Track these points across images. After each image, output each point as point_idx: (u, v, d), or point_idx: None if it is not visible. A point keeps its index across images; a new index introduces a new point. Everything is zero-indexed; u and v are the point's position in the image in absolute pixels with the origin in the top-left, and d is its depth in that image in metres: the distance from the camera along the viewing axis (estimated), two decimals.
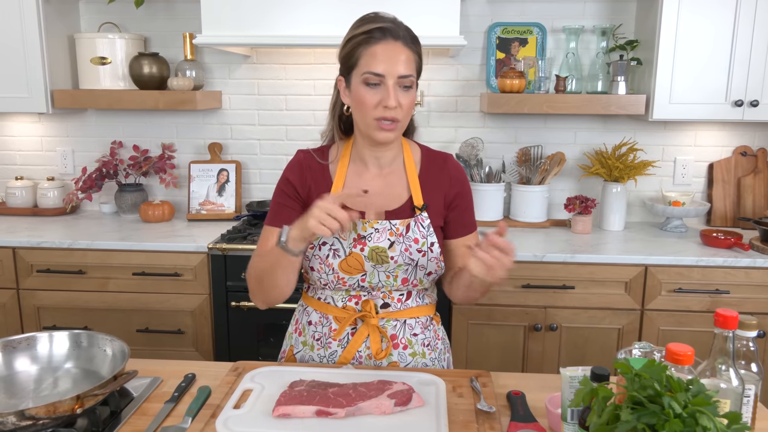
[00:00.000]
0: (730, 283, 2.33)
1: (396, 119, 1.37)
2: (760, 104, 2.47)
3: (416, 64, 1.40)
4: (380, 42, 1.35)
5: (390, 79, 1.34)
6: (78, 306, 2.52)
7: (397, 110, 1.36)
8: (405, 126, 1.43)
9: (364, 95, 1.36)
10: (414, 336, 1.49)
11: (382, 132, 1.38)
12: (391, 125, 1.37)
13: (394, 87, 1.35)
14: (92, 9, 2.94)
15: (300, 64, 2.91)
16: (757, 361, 1.11)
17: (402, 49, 1.36)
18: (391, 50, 1.35)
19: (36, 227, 2.71)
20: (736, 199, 2.85)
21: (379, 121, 1.37)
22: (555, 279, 2.37)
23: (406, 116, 1.40)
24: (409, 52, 1.38)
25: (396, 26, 1.38)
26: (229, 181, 2.94)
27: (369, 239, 1.42)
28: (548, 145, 2.90)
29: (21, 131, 3.08)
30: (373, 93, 1.36)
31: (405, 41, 1.38)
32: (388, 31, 1.36)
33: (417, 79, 1.42)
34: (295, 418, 1.16)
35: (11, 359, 1.29)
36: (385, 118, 1.36)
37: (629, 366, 0.90)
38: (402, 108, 1.37)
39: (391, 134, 1.39)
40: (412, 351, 1.48)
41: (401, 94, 1.36)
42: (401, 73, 1.35)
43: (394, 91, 1.35)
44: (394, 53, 1.35)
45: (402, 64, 1.35)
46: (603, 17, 2.79)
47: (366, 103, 1.36)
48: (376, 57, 1.35)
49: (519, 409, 1.24)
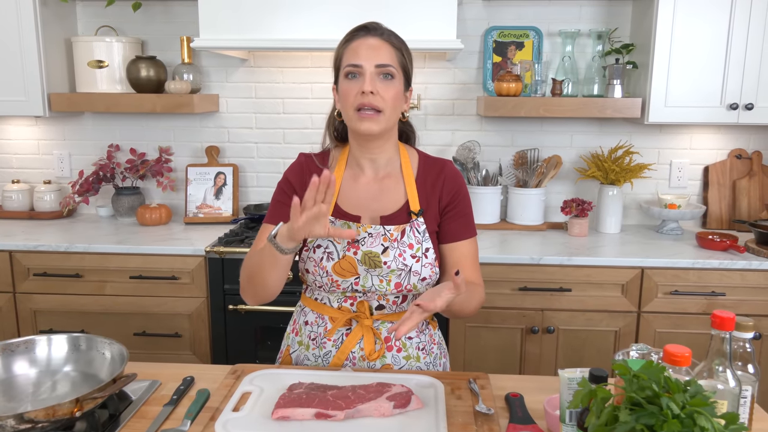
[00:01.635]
0: (725, 286, 2.34)
1: (374, 106, 1.37)
2: (755, 107, 2.48)
3: (398, 59, 1.42)
4: (360, 38, 1.41)
5: (368, 68, 1.37)
6: (75, 309, 2.52)
7: (376, 98, 1.37)
8: (390, 120, 1.41)
9: (345, 88, 1.40)
10: (409, 339, 1.49)
11: (362, 122, 1.38)
12: (372, 114, 1.37)
13: (372, 75, 1.37)
14: (89, 12, 2.94)
15: (297, 68, 2.92)
16: (754, 362, 1.12)
17: (381, 43, 1.40)
18: (370, 43, 1.40)
19: (32, 231, 2.71)
20: (731, 202, 2.87)
21: (359, 112, 1.38)
22: (552, 282, 2.37)
23: (391, 108, 1.40)
24: (388, 46, 1.40)
25: (379, 26, 1.43)
26: (226, 185, 2.94)
27: (362, 243, 1.43)
28: (545, 148, 2.91)
29: (17, 134, 3.07)
30: (353, 84, 1.39)
31: (385, 37, 1.41)
32: (368, 29, 1.42)
33: (406, 78, 1.43)
34: (294, 420, 1.16)
35: (10, 362, 1.28)
36: (363, 105, 1.36)
37: (627, 367, 0.90)
38: (383, 98, 1.37)
39: (372, 124, 1.38)
40: (407, 354, 1.48)
41: (381, 84, 1.38)
42: (378, 62, 1.38)
43: (371, 79, 1.37)
44: (372, 45, 1.39)
45: (380, 53, 1.38)
46: (599, 21, 2.81)
47: (347, 95, 1.39)
48: (356, 51, 1.39)
49: (517, 411, 1.24)
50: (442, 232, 1.50)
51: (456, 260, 1.49)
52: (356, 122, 1.39)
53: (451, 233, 1.49)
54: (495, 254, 2.38)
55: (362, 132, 1.40)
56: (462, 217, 1.50)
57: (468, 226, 1.51)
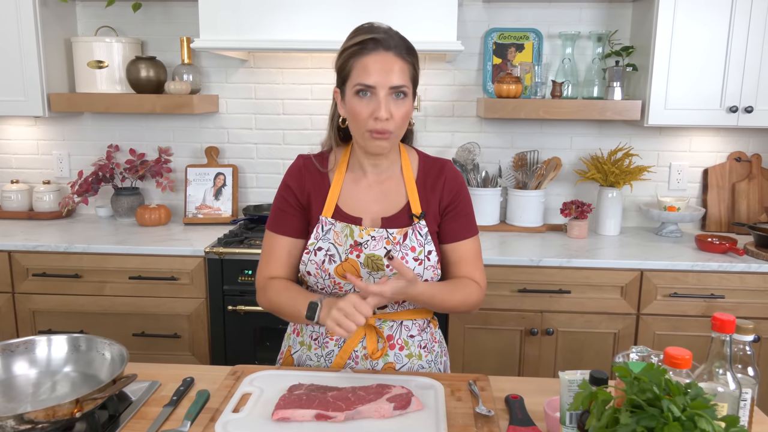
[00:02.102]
0: (725, 288, 2.34)
1: (387, 131, 1.36)
2: (755, 110, 2.49)
3: (410, 75, 1.39)
4: (372, 53, 1.34)
5: (381, 90, 1.33)
6: (74, 310, 2.51)
7: (388, 122, 1.35)
8: (400, 136, 1.42)
9: (356, 106, 1.36)
10: (411, 338, 1.49)
11: (374, 142, 1.38)
12: (384, 135, 1.37)
13: (386, 98, 1.34)
14: (89, 13, 2.94)
15: (297, 69, 2.92)
16: (754, 365, 1.12)
17: (394, 60, 1.35)
18: (383, 61, 1.34)
19: (32, 231, 2.71)
20: (730, 205, 2.87)
21: (371, 133, 1.36)
22: (551, 283, 2.38)
23: (400, 127, 1.39)
24: (401, 62, 1.36)
25: (389, 36, 1.37)
26: (225, 185, 2.94)
27: (365, 246, 1.43)
28: (544, 150, 2.91)
29: (17, 135, 3.07)
30: (365, 104, 1.35)
31: (398, 51, 1.36)
32: (380, 41, 1.35)
33: (414, 90, 1.41)
34: (294, 421, 1.16)
35: (9, 363, 1.28)
36: (377, 131, 1.36)
37: (628, 370, 0.90)
38: (394, 119, 1.36)
39: (384, 143, 1.39)
40: (409, 352, 1.48)
41: (394, 104, 1.35)
42: (393, 84, 1.34)
43: (386, 102, 1.34)
44: (386, 64, 1.34)
45: (394, 74, 1.34)
46: (599, 23, 2.81)
47: (358, 114, 1.36)
48: (368, 68, 1.34)
49: (517, 413, 1.24)
50: (443, 232, 1.50)
51: (458, 259, 1.49)
52: (368, 142, 1.39)
53: (452, 233, 1.49)
54: (494, 256, 2.38)
55: (374, 152, 1.41)
56: (463, 216, 1.51)
57: (469, 225, 1.51)
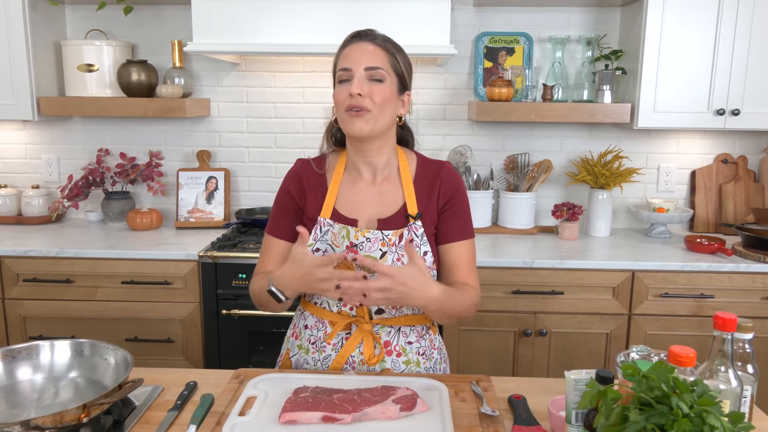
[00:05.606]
0: (714, 288, 2.38)
1: (362, 107, 1.38)
2: (741, 113, 2.53)
3: (390, 62, 1.43)
4: (353, 44, 1.43)
5: (357, 70, 1.39)
6: (65, 315, 2.49)
7: (364, 100, 1.38)
8: (381, 121, 1.42)
9: (337, 93, 1.43)
10: (409, 344, 1.49)
11: (352, 121, 1.40)
12: (360, 113, 1.39)
13: (360, 78, 1.39)
14: (79, 16, 2.92)
15: (289, 72, 2.92)
16: (753, 362, 1.14)
17: (373, 48, 1.42)
18: (360, 47, 1.42)
19: (21, 236, 2.68)
20: (717, 206, 2.92)
21: (348, 112, 1.40)
22: (544, 285, 2.40)
23: (379, 108, 1.40)
24: (380, 50, 1.42)
25: (371, 32, 1.46)
26: (217, 189, 2.93)
27: (361, 248, 1.43)
28: (535, 153, 2.94)
29: (5, 138, 3.03)
30: (343, 88, 1.41)
31: (379, 42, 1.44)
32: (362, 35, 1.45)
33: (401, 81, 1.46)
34: (301, 424, 1.16)
35: (12, 368, 1.27)
36: (351, 107, 1.39)
37: (637, 368, 0.92)
38: (372, 99, 1.39)
39: (362, 124, 1.39)
40: (406, 359, 1.48)
41: (370, 86, 1.39)
42: (367, 65, 1.39)
43: (359, 80, 1.39)
44: (363, 49, 1.42)
45: (369, 55, 1.41)
46: (588, 27, 2.85)
47: (337, 98, 1.42)
48: (347, 55, 1.42)
49: (521, 413, 1.26)
50: (439, 232, 1.50)
51: (452, 262, 1.49)
52: (347, 123, 1.41)
53: (448, 233, 1.49)
54: (487, 258, 2.40)
55: (354, 133, 1.42)
56: (459, 216, 1.51)
57: (465, 227, 1.51)
